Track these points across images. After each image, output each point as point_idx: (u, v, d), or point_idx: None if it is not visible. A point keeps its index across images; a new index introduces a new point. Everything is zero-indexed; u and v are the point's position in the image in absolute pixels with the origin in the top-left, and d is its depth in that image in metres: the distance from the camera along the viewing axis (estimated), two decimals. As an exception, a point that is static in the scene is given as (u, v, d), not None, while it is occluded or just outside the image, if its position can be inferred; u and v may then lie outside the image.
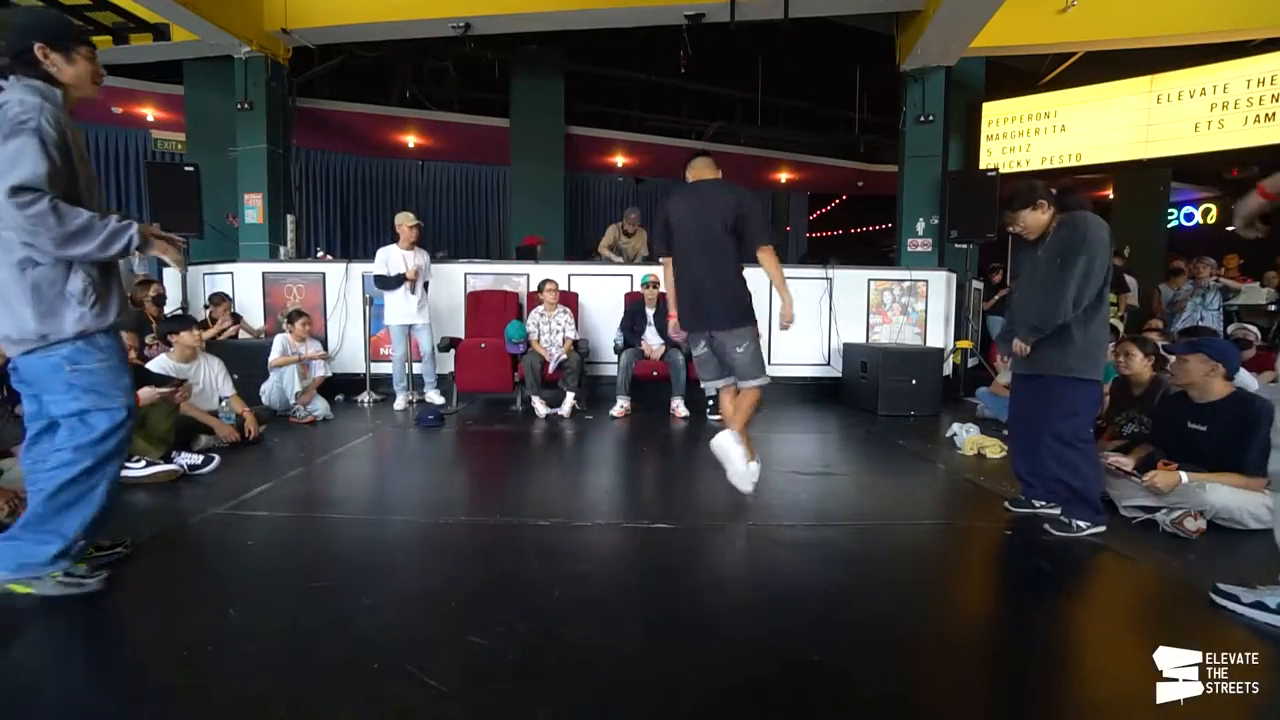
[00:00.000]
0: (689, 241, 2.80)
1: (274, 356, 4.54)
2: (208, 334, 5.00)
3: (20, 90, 1.66)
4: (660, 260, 2.99)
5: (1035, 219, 2.53)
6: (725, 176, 3.03)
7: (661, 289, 5.06)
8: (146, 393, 3.06)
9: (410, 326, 5.00)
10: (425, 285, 5.06)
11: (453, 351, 4.95)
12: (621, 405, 4.79)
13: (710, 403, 4.79)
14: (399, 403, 5.04)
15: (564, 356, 4.82)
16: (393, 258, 4.89)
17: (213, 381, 3.84)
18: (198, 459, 3.13)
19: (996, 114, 8.13)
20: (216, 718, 1.35)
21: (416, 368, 5.17)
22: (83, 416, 1.75)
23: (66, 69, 1.73)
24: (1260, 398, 2.58)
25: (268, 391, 4.53)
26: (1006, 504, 2.76)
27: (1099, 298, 2.40)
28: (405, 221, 4.92)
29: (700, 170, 2.92)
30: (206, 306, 5.57)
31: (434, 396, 5.14)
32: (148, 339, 4.42)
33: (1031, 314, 2.49)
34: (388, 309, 4.98)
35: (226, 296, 5.60)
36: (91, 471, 1.76)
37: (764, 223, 2.79)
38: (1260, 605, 1.76)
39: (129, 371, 1.87)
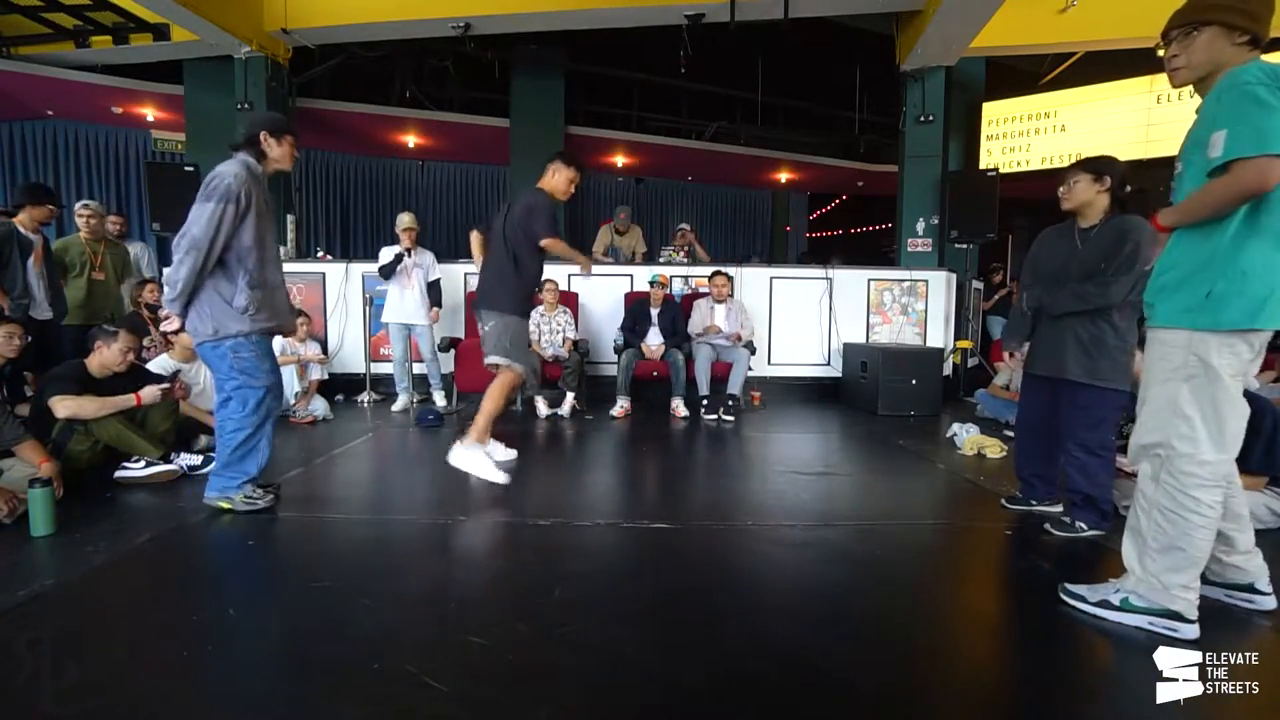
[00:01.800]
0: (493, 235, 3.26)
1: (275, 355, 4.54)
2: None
3: (234, 164, 2.43)
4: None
5: (1086, 191, 2.37)
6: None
7: (658, 289, 5.06)
8: (149, 392, 3.07)
9: (410, 327, 5.00)
10: (434, 285, 5.06)
11: (453, 351, 4.95)
12: (621, 405, 4.79)
13: (705, 402, 4.79)
14: (398, 404, 5.03)
15: (563, 354, 4.83)
16: (388, 254, 4.90)
17: (213, 382, 3.83)
18: (198, 459, 3.14)
19: (996, 114, 8.14)
20: (216, 718, 1.35)
21: (418, 368, 5.17)
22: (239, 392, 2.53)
23: (276, 149, 2.55)
24: (1260, 397, 2.58)
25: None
26: (1003, 501, 2.77)
27: (1134, 305, 2.32)
28: (399, 225, 4.93)
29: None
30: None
31: (439, 399, 5.13)
32: (145, 340, 4.42)
33: (1072, 290, 2.38)
34: (386, 306, 4.98)
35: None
36: (253, 433, 2.58)
37: (545, 221, 3.15)
38: (1105, 604, 1.79)
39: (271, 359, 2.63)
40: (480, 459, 3.02)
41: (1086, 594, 1.84)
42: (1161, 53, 1.70)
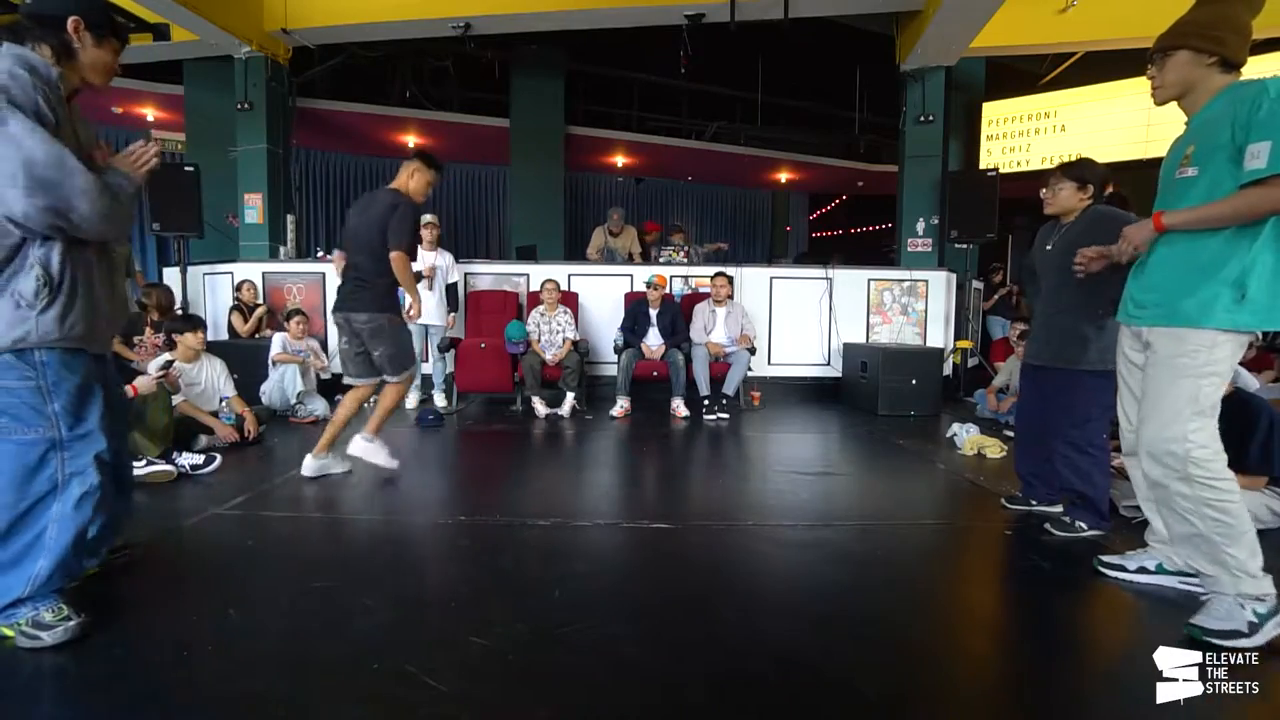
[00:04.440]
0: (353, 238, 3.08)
1: (275, 352, 4.57)
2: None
3: (5, 59, 1.46)
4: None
5: (1069, 199, 2.43)
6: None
7: (655, 290, 5.05)
8: (144, 382, 3.05)
9: (427, 328, 5.01)
10: (451, 288, 5.07)
11: (453, 351, 4.96)
12: (621, 405, 4.79)
13: (705, 402, 4.79)
14: (409, 401, 5.03)
15: (562, 354, 4.84)
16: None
17: (214, 382, 3.84)
18: (198, 459, 3.13)
19: (996, 114, 8.14)
20: (216, 718, 1.35)
21: (424, 368, 5.18)
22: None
23: (91, 50, 1.62)
24: (1257, 397, 2.58)
25: (268, 391, 4.54)
26: (1004, 501, 2.77)
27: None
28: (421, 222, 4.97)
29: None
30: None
31: (439, 399, 5.14)
32: (136, 338, 4.42)
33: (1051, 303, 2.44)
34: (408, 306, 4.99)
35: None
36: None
37: (407, 231, 2.97)
38: (1143, 570, 2.00)
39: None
40: (376, 449, 3.11)
41: (1126, 563, 2.02)
42: (1149, 73, 1.83)
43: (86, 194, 1.46)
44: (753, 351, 5.02)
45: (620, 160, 10.69)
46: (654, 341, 5.01)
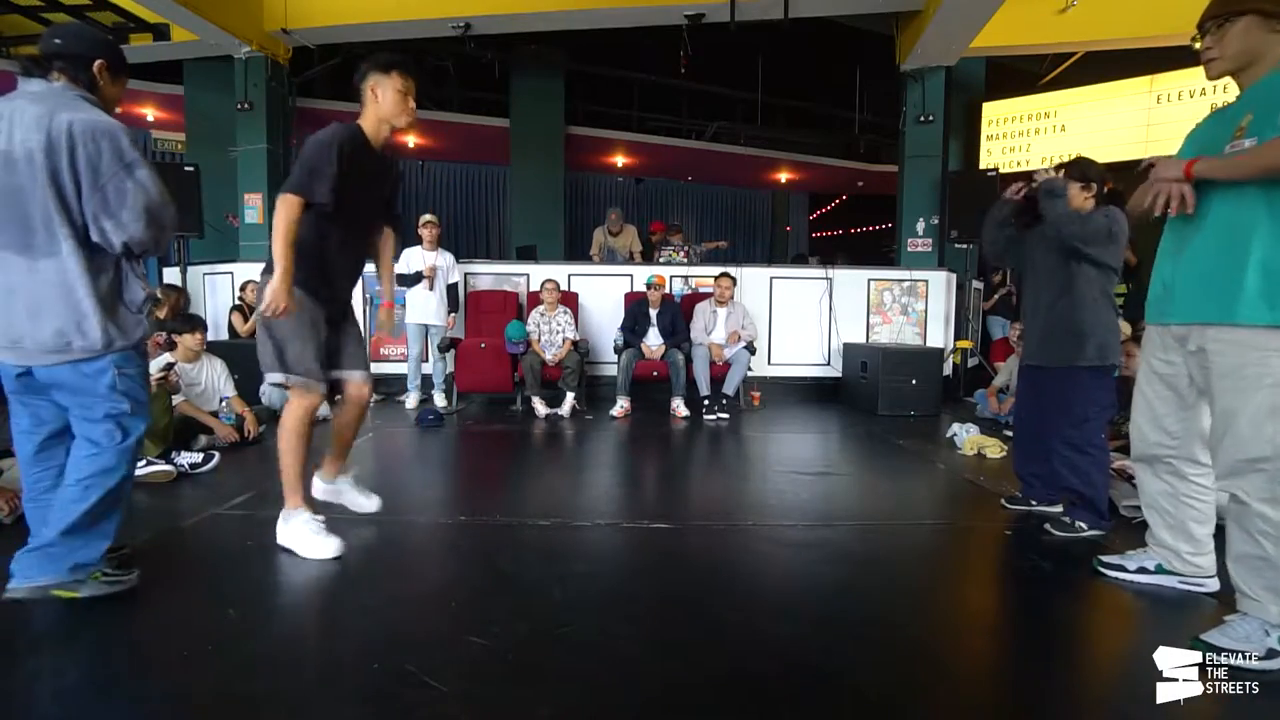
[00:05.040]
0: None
1: None
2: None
3: (95, 110, 1.69)
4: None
5: (1074, 199, 2.41)
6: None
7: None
8: None
9: (428, 327, 5.02)
10: (451, 288, 5.09)
11: (453, 351, 4.96)
12: (621, 405, 4.79)
13: (705, 402, 4.79)
14: (410, 401, 5.04)
15: (562, 354, 4.84)
16: (413, 258, 4.94)
17: (214, 382, 3.84)
18: (197, 457, 3.13)
19: (996, 114, 8.13)
20: (216, 718, 1.35)
21: (425, 368, 5.19)
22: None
23: (111, 88, 1.80)
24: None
25: (268, 392, 4.53)
26: (1003, 501, 2.77)
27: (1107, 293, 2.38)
28: (419, 221, 5.03)
29: None
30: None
31: (439, 399, 5.14)
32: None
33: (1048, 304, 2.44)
34: (409, 307, 5.00)
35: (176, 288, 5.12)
36: (127, 476, 1.81)
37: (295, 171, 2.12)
38: (1143, 570, 1.97)
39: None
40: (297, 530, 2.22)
41: (1125, 563, 2.01)
42: (1197, 45, 1.64)
43: (173, 223, 1.79)
44: (753, 351, 5.02)
45: (620, 160, 10.69)
46: (654, 341, 5.01)
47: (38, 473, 1.80)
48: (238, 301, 5.61)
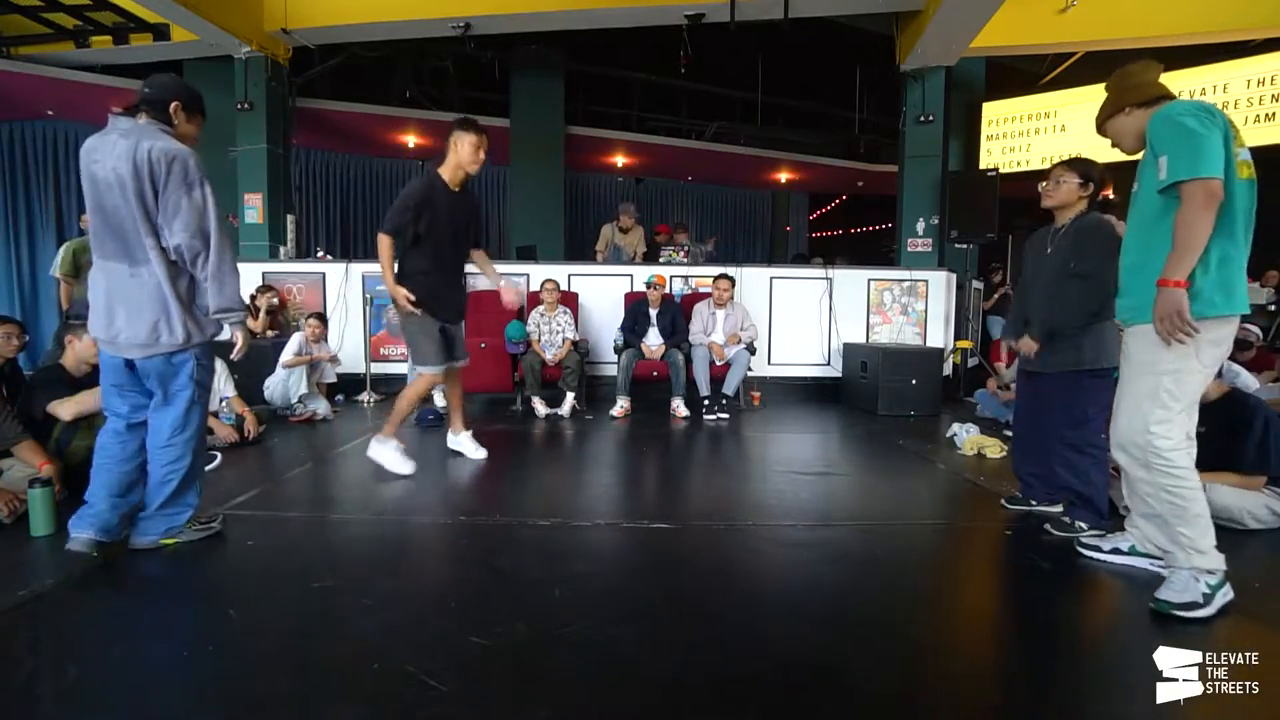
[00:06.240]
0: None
1: (288, 356, 4.55)
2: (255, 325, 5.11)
3: (172, 140, 2.05)
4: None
5: (1070, 194, 2.44)
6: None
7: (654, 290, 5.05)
8: None
9: None
10: None
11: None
12: (621, 405, 4.79)
13: (705, 403, 4.79)
14: None
15: (562, 354, 4.83)
16: None
17: (215, 382, 3.83)
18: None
19: (996, 114, 8.14)
20: (217, 717, 1.35)
21: None
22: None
23: (185, 125, 2.17)
24: (1254, 397, 2.59)
25: (271, 388, 4.54)
26: (1003, 501, 2.77)
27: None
28: None
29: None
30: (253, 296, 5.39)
31: (438, 398, 5.14)
32: None
33: (1043, 318, 2.44)
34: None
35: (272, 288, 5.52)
36: (200, 447, 2.25)
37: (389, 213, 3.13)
38: (1116, 550, 2.13)
39: None
40: (394, 454, 3.15)
41: (1101, 544, 2.17)
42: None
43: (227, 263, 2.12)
44: (753, 351, 5.02)
45: (620, 160, 10.68)
46: (654, 341, 5.01)
47: (117, 446, 2.17)
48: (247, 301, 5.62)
